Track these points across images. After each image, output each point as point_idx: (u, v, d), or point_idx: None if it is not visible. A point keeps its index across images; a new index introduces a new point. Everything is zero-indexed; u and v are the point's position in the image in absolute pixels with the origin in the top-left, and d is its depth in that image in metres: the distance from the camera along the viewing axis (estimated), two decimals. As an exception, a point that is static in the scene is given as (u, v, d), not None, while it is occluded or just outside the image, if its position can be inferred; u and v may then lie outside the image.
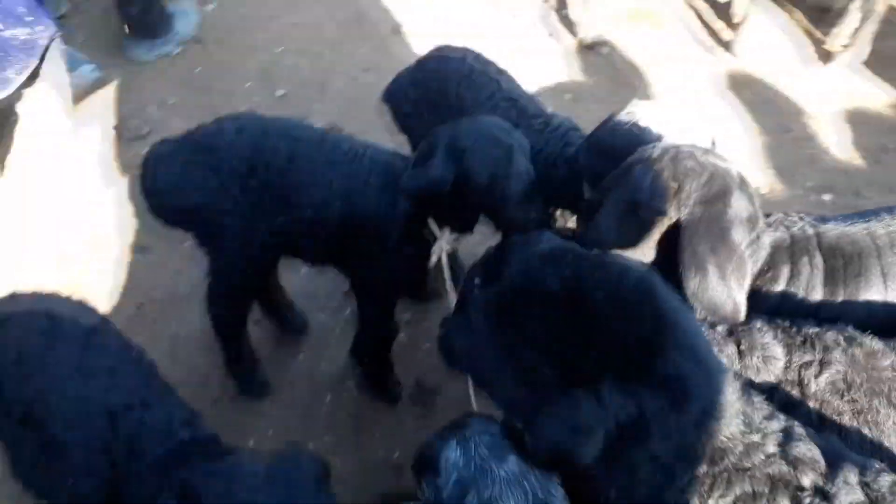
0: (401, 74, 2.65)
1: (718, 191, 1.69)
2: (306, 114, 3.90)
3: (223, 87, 4.02)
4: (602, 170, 1.96)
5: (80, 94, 3.80)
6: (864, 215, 1.93)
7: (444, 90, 2.42)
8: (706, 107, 4.26)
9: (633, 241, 1.76)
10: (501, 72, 2.49)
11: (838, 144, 4.12)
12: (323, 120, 3.86)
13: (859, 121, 4.31)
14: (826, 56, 4.74)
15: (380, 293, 2.28)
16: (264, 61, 4.25)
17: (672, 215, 1.70)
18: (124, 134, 3.62)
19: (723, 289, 1.62)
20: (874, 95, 4.51)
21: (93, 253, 3.09)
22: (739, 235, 1.69)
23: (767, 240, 1.81)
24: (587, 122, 3.89)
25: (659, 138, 1.92)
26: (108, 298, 2.95)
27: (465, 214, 2.07)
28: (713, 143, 2.01)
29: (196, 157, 2.07)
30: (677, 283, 1.69)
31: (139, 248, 3.14)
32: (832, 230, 1.87)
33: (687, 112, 2.01)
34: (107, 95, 3.88)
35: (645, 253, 1.76)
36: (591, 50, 4.64)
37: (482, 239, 2.70)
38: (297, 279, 3.05)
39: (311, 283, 3.05)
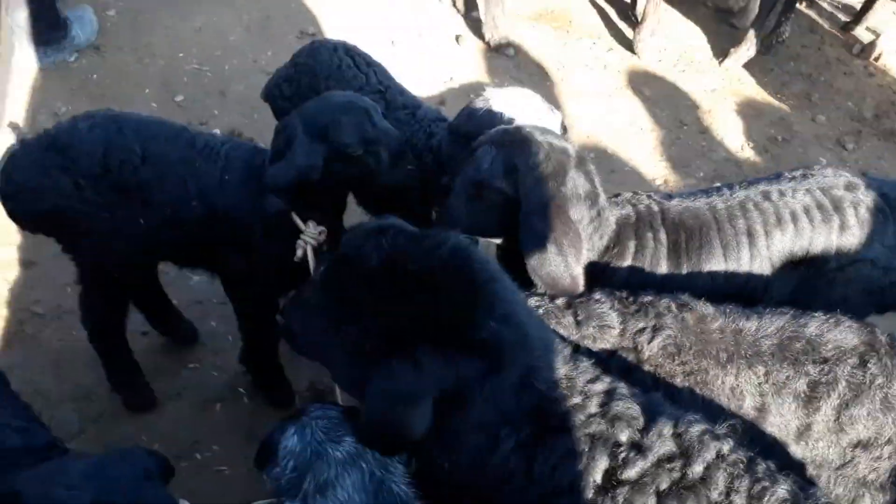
0: (277, 72, 2.65)
1: (554, 169, 1.74)
2: (206, 119, 3.86)
3: (120, 94, 3.94)
4: (461, 156, 2.00)
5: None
6: (707, 191, 2.02)
7: (314, 85, 2.43)
8: (608, 103, 4.39)
9: (482, 221, 1.80)
10: (372, 64, 2.52)
11: (730, 136, 4.31)
12: (223, 125, 3.83)
13: (749, 114, 4.52)
14: (722, 54, 4.95)
15: (252, 293, 2.26)
16: (164, 68, 4.18)
17: (511, 193, 1.75)
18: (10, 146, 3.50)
19: (561, 263, 1.67)
20: (762, 90, 4.73)
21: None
22: (576, 212, 1.74)
23: (612, 216, 1.88)
24: None
25: (510, 122, 1.97)
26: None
27: (334, 199, 2.06)
28: (563, 127, 2.07)
29: (49, 158, 2.01)
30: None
31: (25, 263, 3.02)
32: (676, 206, 1.95)
33: (537, 98, 2.07)
34: (-5, 104, 3.75)
35: (494, 232, 1.80)
36: (497, 52, 4.72)
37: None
38: (187, 286, 3.00)
39: (202, 289, 3.00)
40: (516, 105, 2.00)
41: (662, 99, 4.54)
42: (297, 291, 1.58)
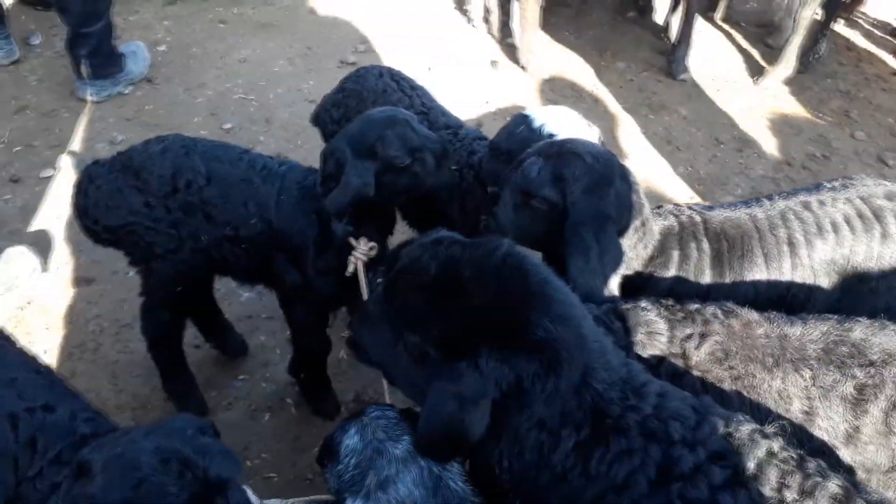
0: (326, 97, 2.77)
1: (600, 180, 1.80)
2: (253, 145, 4.00)
3: (172, 123, 4.12)
4: (501, 173, 2.08)
5: (25, 134, 3.89)
6: (748, 202, 2.06)
7: (361, 108, 2.53)
8: (644, 123, 4.44)
9: (529, 229, 1.86)
10: (415, 87, 2.62)
11: (767, 154, 4.31)
12: (269, 150, 3.98)
13: (787, 131, 4.52)
14: (758, 72, 4.98)
15: (306, 307, 2.35)
16: (212, 97, 4.37)
17: (558, 203, 1.81)
18: (69, 171, 3.68)
19: (601, 275, 1.72)
20: (800, 107, 4.73)
21: (37, 284, 3.13)
22: (620, 223, 1.80)
23: (656, 226, 1.92)
24: None
25: (549, 138, 2.04)
26: (49, 330, 2.98)
27: (384, 214, 2.15)
28: (601, 142, 2.13)
29: (123, 178, 2.16)
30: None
31: (83, 280, 3.18)
32: (717, 216, 1.99)
33: (576, 115, 2.13)
34: (56, 135, 3.96)
35: (538, 239, 1.86)
36: (532, 76, 4.82)
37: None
38: (237, 301, 3.12)
39: (252, 304, 3.11)
40: (555, 122, 2.08)
41: (698, 118, 4.58)
42: (362, 305, 1.66)
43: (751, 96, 4.82)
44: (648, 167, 4.11)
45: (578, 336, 1.35)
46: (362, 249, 2.08)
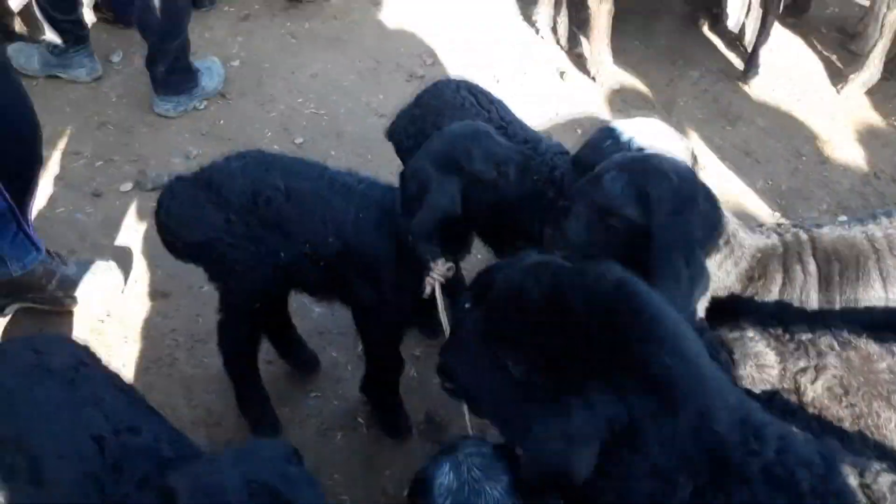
0: (401, 111, 2.74)
1: (686, 199, 1.70)
2: (324, 159, 4.01)
3: (245, 137, 4.19)
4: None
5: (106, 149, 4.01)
6: (862, 219, 1.91)
7: (438, 123, 2.49)
8: (721, 134, 4.27)
9: (601, 246, 1.77)
10: (493, 101, 2.57)
11: (853, 167, 4.08)
12: (340, 164, 3.96)
13: (874, 143, 4.27)
14: (841, 80, 4.73)
15: (381, 326, 2.32)
16: (284, 112, 4.42)
17: (640, 222, 1.71)
18: (147, 184, 3.78)
19: (692, 301, 1.62)
20: (887, 118, 4.47)
21: (114, 298, 3.20)
22: (706, 243, 1.69)
23: (750, 241, 1.80)
24: None
25: (639, 152, 1.95)
26: (127, 342, 3.04)
27: (464, 231, 2.10)
28: (693, 158, 2.03)
29: (204, 193, 2.17)
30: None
31: (159, 294, 3.24)
32: (828, 234, 1.85)
33: (664, 127, 2.03)
34: (135, 150, 4.08)
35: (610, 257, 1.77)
36: (602, 86, 4.71)
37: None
38: (310, 317, 3.11)
39: (324, 320, 3.11)
40: (644, 134, 1.98)
41: (777, 128, 4.38)
42: (453, 330, 1.60)
43: (833, 105, 4.59)
44: (727, 181, 3.95)
45: (697, 372, 1.25)
46: (440, 270, 2.04)
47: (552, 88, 4.72)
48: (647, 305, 1.25)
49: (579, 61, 4.93)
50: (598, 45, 4.69)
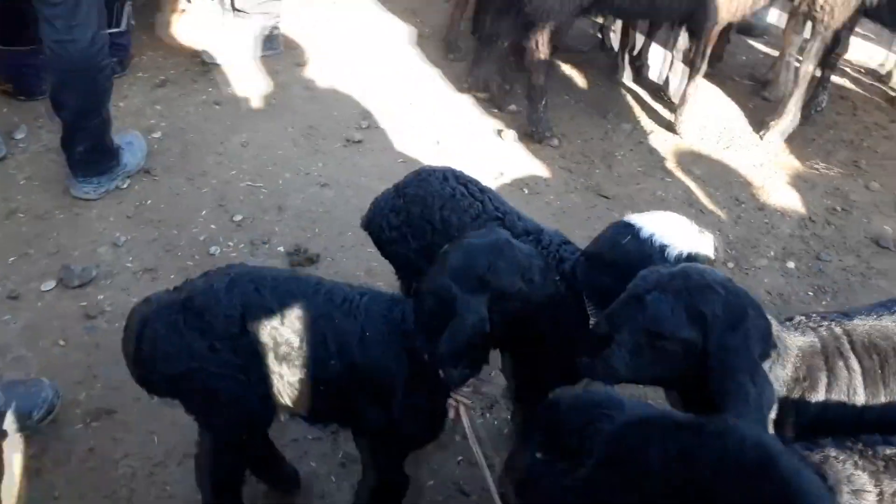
0: (379, 201, 2.57)
1: (739, 312, 1.64)
2: (267, 237, 3.78)
3: (177, 218, 3.87)
4: (605, 286, 1.91)
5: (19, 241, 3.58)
6: (888, 305, 1.92)
7: (427, 215, 2.35)
8: (662, 185, 4.37)
9: (651, 371, 1.69)
10: (484, 190, 2.44)
11: (789, 211, 4.27)
12: (286, 242, 3.76)
13: (802, 186, 4.50)
14: (761, 127, 4.98)
15: (390, 449, 2.11)
16: (217, 187, 4.13)
17: (698, 344, 1.63)
18: (72, 280, 3.38)
19: (761, 416, 1.55)
20: (808, 161, 4.74)
21: (48, 426, 2.78)
22: (765, 354, 1.64)
23: (791, 341, 1.77)
24: (548, 215, 3.88)
25: (662, 249, 1.88)
26: (71, 480, 2.63)
27: (485, 345, 1.95)
28: (715, 249, 1.99)
29: (184, 320, 1.91)
30: (693, 406, 1.62)
31: (103, 412, 2.85)
32: (860, 326, 1.84)
33: (684, 221, 1.98)
34: (54, 240, 3.67)
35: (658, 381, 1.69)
36: (540, 143, 4.72)
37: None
38: (279, 425, 2.82)
39: (296, 427, 2.82)
40: (665, 231, 1.92)
41: (714, 177, 4.53)
42: (522, 485, 1.43)
43: (759, 152, 4.82)
44: (677, 234, 4.02)
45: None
46: (465, 391, 1.87)
47: (492, 148, 4.69)
48: (790, 472, 1.14)
49: (514, 119, 4.94)
50: (535, 104, 4.72)
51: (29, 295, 3.32)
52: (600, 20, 5.78)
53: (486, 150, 4.66)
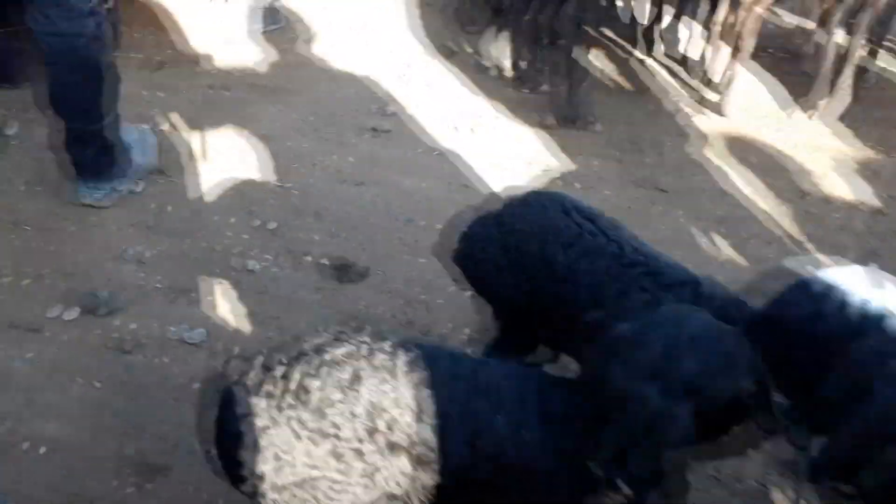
0: (475, 233, 2.20)
1: None
2: (307, 247, 3.41)
3: (204, 227, 3.45)
4: (789, 353, 1.63)
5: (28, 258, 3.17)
6: None
7: (548, 256, 2.00)
8: (723, 177, 4.08)
9: None
10: (618, 226, 2.09)
11: (857, 203, 4.01)
12: (328, 253, 3.39)
13: (865, 173, 4.25)
14: (808, 104, 4.70)
15: None
16: (242, 188, 3.73)
17: None
18: (100, 308, 3.00)
19: None
20: (862, 143, 4.47)
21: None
22: None
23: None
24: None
25: (879, 320, 1.59)
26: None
27: None
28: None
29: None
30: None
31: (160, 471, 2.49)
32: None
33: (884, 277, 1.69)
34: (69, 257, 3.26)
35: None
36: (583, 129, 4.39)
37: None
38: None
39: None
40: (876, 292, 1.63)
41: (771, 165, 4.25)
42: None
43: (811, 133, 4.53)
44: (747, 226, 3.75)
45: None
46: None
47: (531, 136, 4.33)
48: None
49: (548, 101, 4.58)
50: (576, 86, 4.37)
51: (52, 327, 2.93)
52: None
53: (524, 139, 4.31)
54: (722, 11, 4.73)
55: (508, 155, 4.14)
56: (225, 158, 3.91)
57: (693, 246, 3.59)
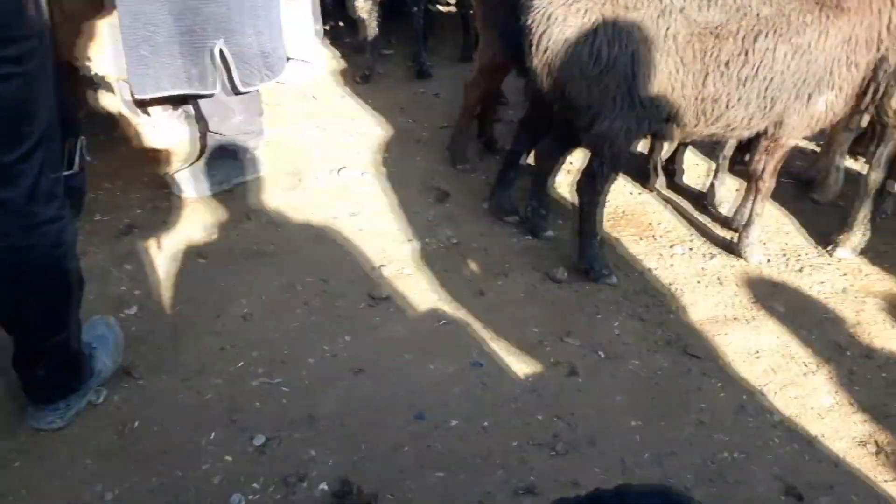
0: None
1: None
2: (303, 468, 2.87)
3: (178, 446, 2.90)
4: None
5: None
6: None
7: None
8: (755, 336, 3.70)
9: None
10: None
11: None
12: (327, 475, 2.85)
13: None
14: (825, 239, 4.46)
15: None
16: (223, 389, 3.21)
17: None
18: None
19: None
20: (890, 278, 4.20)
21: None
22: None
23: None
24: (641, 391, 3.06)
25: None
26: None
27: None
28: None
29: None
30: None
31: None
32: None
33: None
34: (20, 499, 2.69)
35: None
36: (595, 281, 4.04)
37: None
38: None
39: None
40: None
41: (800, 314, 3.91)
42: None
43: (834, 273, 4.25)
44: (790, 397, 3.36)
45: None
46: None
47: (547, 293, 3.96)
48: None
49: (555, 249, 4.26)
50: (590, 238, 4.04)
51: None
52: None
53: (541, 296, 3.94)
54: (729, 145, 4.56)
55: (528, 315, 3.73)
56: (202, 348, 3.42)
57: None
